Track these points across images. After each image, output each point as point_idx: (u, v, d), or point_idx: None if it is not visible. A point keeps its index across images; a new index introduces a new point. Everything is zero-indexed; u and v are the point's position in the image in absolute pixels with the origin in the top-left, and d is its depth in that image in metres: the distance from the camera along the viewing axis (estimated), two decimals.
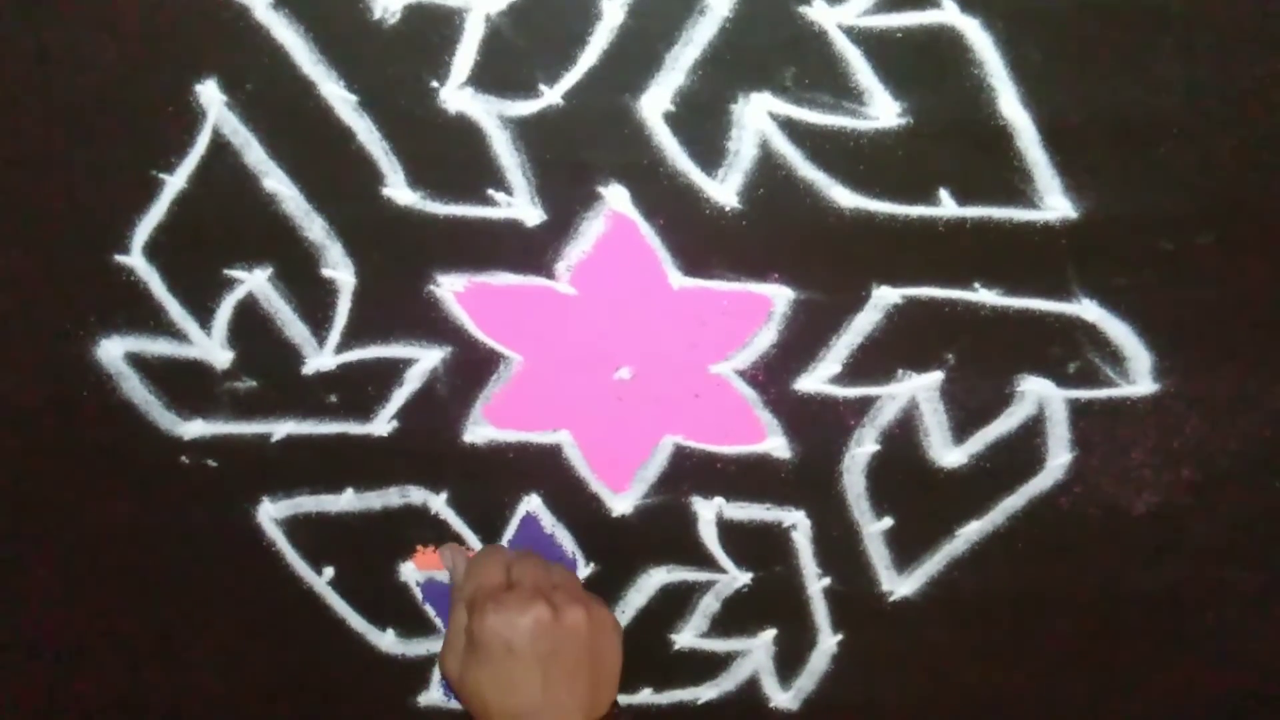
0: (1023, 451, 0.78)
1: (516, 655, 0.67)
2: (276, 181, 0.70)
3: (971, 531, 0.80)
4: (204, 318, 0.74)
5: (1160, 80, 0.67)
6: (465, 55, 0.66)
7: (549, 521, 0.80)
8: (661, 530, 0.81)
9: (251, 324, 0.74)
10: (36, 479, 0.78)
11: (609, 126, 0.68)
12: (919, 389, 0.76)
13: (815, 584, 0.82)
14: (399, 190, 0.70)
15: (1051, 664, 0.85)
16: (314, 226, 0.71)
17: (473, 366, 0.76)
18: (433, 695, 0.86)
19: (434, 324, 0.74)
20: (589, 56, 0.67)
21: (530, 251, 0.72)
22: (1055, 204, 0.70)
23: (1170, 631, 0.83)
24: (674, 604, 0.83)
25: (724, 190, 0.70)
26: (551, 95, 0.68)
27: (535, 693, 0.67)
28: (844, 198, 0.70)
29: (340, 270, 0.73)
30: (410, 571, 0.82)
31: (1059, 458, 0.78)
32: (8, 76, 0.67)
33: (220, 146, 0.69)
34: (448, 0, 0.65)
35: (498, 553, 0.74)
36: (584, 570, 0.82)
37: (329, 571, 0.82)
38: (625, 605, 0.83)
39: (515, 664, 0.68)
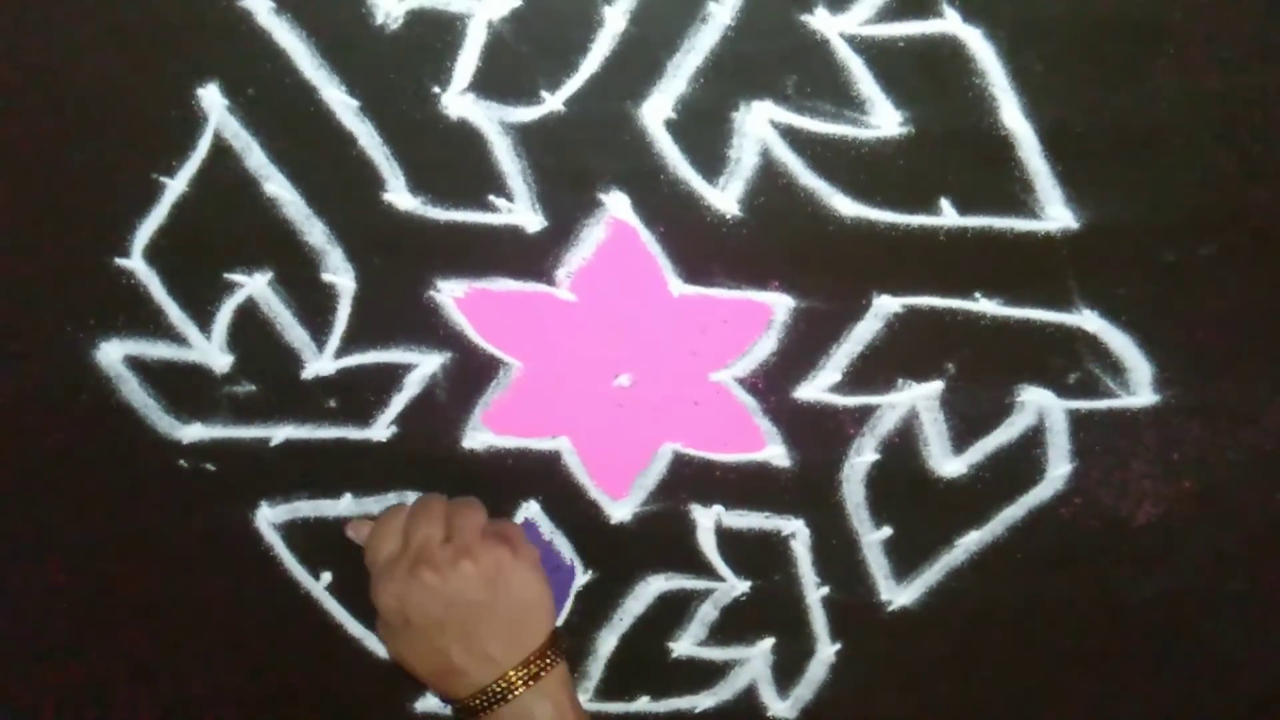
0: (1023, 462, 0.77)
1: (414, 625, 0.67)
2: (277, 186, 0.70)
3: (971, 541, 0.80)
4: (204, 321, 0.74)
5: (1161, 91, 0.67)
6: (467, 61, 0.66)
7: (547, 528, 0.80)
8: (660, 538, 0.80)
9: (251, 328, 0.74)
10: (34, 481, 0.78)
11: (610, 133, 0.68)
12: (919, 398, 0.76)
13: (814, 593, 0.82)
14: (400, 195, 0.70)
15: (1051, 675, 0.85)
16: (314, 231, 0.71)
17: (472, 372, 0.76)
18: (430, 702, 0.86)
19: (434, 329, 0.74)
20: (591, 63, 0.67)
21: (531, 258, 0.72)
22: (1056, 214, 0.70)
23: (1170, 643, 0.83)
24: (672, 612, 0.83)
25: (725, 198, 0.70)
26: (553, 101, 0.68)
27: (447, 655, 0.66)
28: (845, 206, 0.70)
29: (340, 275, 0.73)
30: None
31: (1059, 468, 0.77)
32: (9, 79, 0.67)
33: (221, 150, 0.69)
34: (450, 6, 0.65)
35: (394, 516, 0.70)
36: (583, 577, 0.82)
37: (326, 576, 0.82)
38: (623, 613, 0.83)
39: (416, 633, 0.67)
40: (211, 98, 0.68)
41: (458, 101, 0.68)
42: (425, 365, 0.75)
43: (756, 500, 0.79)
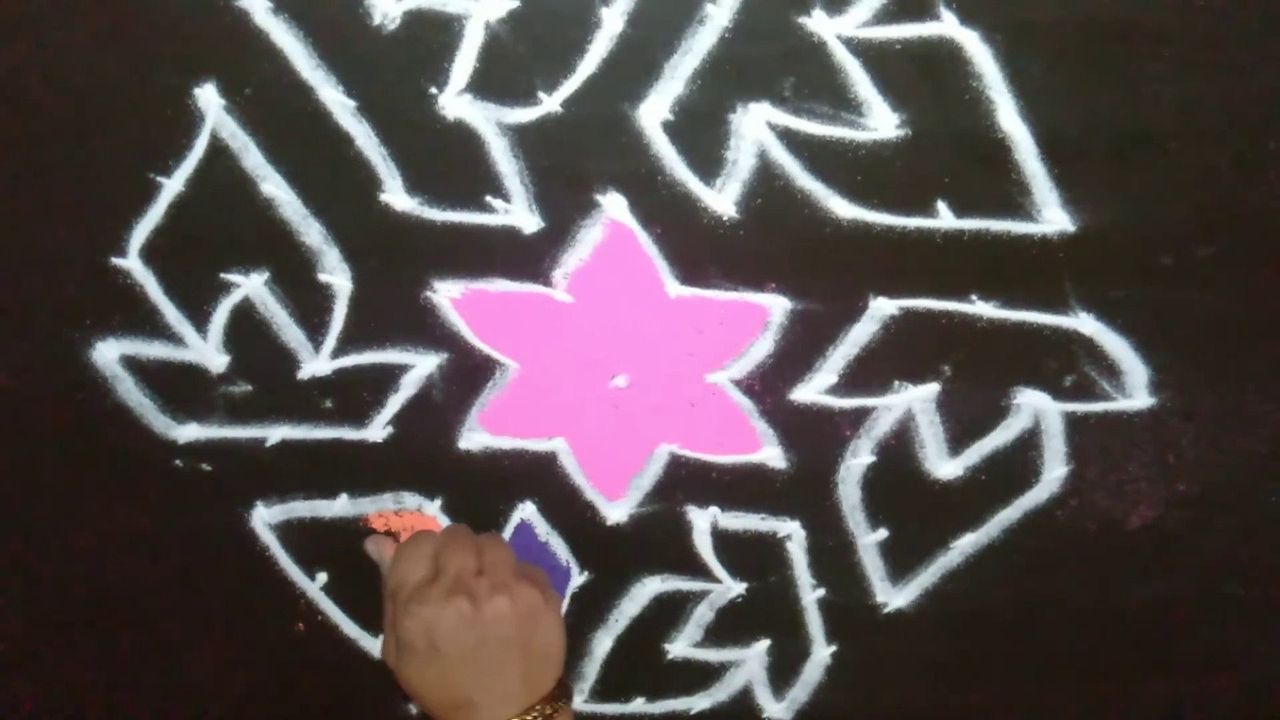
0: (1018, 464, 0.78)
1: (441, 652, 0.65)
2: (274, 186, 0.70)
3: (966, 544, 0.80)
4: (200, 321, 0.74)
5: (1158, 94, 0.67)
6: (464, 62, 0.66)
7: (543, 529, 0.80)
8: (656, 539, 0.80)
9: (247, 328, 0.74)
10: (30, 481, 0.78)
11: (607, 135, 0.68)
12: (915, 400, 0.76)
13: (809, 594, 0.82)
14: (397, 196, 0.70)
15: (1045, 677, 0.85)
16: (311, 231, 0.71)
17: (469, 373, 0.76)
18: None
19: (430, 330, 0.74)
20: (588, 64, 0.67)
21: (527, 259, 0.72)
22: (1053, 217, 0.70)
23: (1164, 645, 0.83)
24: (668, 613, 0.83)
25: (722, 199, 0.70)
26: (550, 103, 0.68)
27: (466, 687, 0.66)
28: (842, 208, 0.70)
29: (337, 275, 0.73)
30: None
31: (1054, 471, 0.78)
32: (6, 78, 0.67)
33: (218, 150, 0.69)
34: (447, 7, 0.65)
35: (424, 541, 0.69)
36: (578, 578, 0.82)
37: (322, 577, 0.82)
38: (619, 614, 0.83)
39: (441, 661, 0.66)
40: (208, 97, 0.67)
41: (455, 102, 0.68)
42: (421, 366, 0.75)
43: (752, 502, 0.79)
